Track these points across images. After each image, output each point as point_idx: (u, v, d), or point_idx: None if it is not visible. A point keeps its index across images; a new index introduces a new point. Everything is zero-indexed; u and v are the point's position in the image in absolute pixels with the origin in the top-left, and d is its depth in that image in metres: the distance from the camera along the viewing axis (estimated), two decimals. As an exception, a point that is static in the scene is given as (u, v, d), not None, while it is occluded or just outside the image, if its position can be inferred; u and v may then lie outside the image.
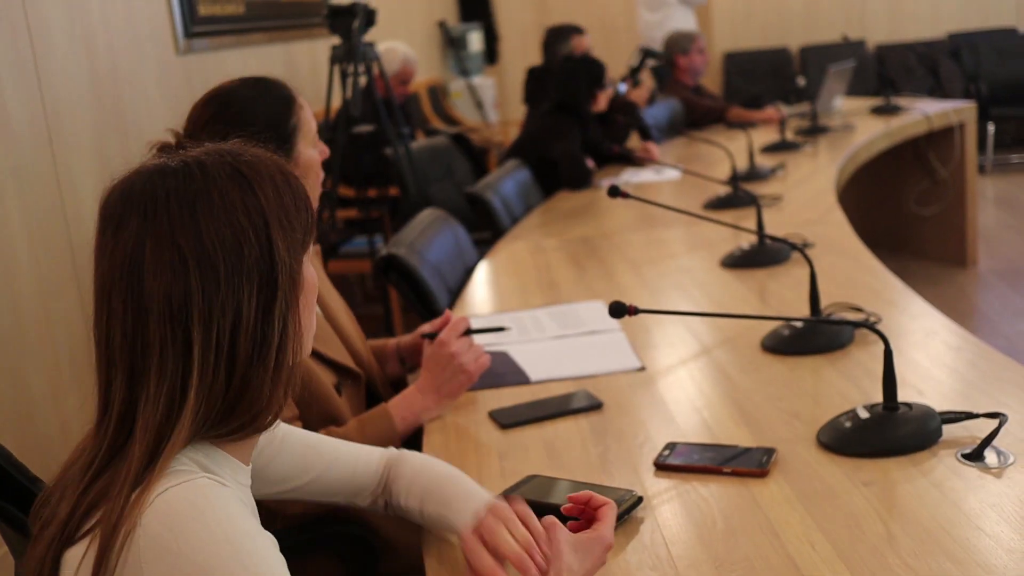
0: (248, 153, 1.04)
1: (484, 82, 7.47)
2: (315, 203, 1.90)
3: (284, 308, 1.00)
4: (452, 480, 1.32)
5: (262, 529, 0.97)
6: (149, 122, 3.42)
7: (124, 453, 0.96)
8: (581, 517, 1.22)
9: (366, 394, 1.88)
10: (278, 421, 1.12)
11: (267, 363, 0.99)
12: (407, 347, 2.03)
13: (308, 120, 1.77)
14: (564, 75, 4.20)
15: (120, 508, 0.92)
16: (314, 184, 1.78)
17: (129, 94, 3.35)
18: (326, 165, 1.87)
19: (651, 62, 5.33)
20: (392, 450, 1.41)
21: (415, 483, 1.33)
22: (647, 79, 5.25)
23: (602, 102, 4.21)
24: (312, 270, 1.08)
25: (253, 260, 0.98)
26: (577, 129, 4.03)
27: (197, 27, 3.85)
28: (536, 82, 5.31)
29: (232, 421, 0.99)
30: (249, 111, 1.71)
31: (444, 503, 1.28)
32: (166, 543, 0.89)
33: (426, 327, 1.93)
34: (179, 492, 0.92)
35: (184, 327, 0.96)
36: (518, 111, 5.69)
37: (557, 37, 5.31)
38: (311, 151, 1.77)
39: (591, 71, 4.17)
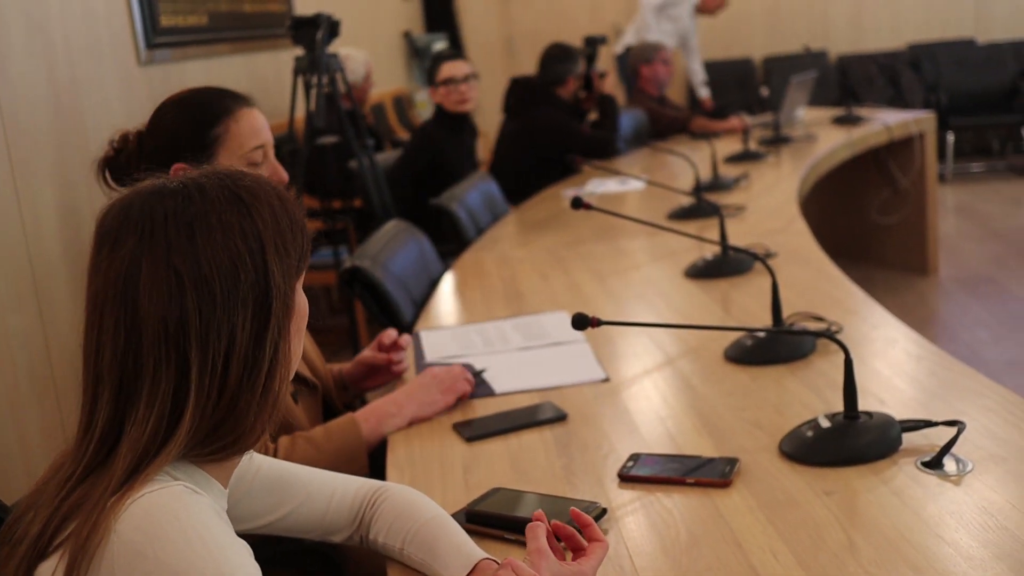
0: (248, 178, 1.05)
1: (449, 92, 7.47)
2: None
3: (276, 334, 1.01)
4: (438, 525, 1.25)
5: (237, 537, 0.97)
6: (110, 133, 3.38)
7: (104, 469, 0.96)
8: (567, 538, 1.17)
9: (322, 407, 1.87)
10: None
11: (255, 388, 0.99)
12: (351, 374, 2.02)
13: (240, 134, 1.74)
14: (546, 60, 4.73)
15: (95, 516, 0.91)
16: None
17: (90, 105, 3.31)
18: (291, 176, 1.86)
19: (601, 47, 5.26)
20: (370, 484, 1.35)
21: (397, 524, 1.27)
22: (610, 69, 5.23)
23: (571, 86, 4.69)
24: (303, 297, 1.08)
25: (249, 285, 0.99)
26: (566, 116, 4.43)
27: (159, 37, 3.82)
28: (522, 92, 5.10)
29: (215, 442, 0.99)
30: (167, 123, 1.75)
31: (429, 550, 1.23)
32: (140, 548, 0.89)
33: (367, 353, 1.99)
34: (154, 498, 0.92)
35: (180, 349, 0.96)
36: (482, 121, 5.67)
37: (566, 56, 4.81)
38: (240, 165, 1.74)
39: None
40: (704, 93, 6.84)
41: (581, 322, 1.45)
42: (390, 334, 1.99)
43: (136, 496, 0.92)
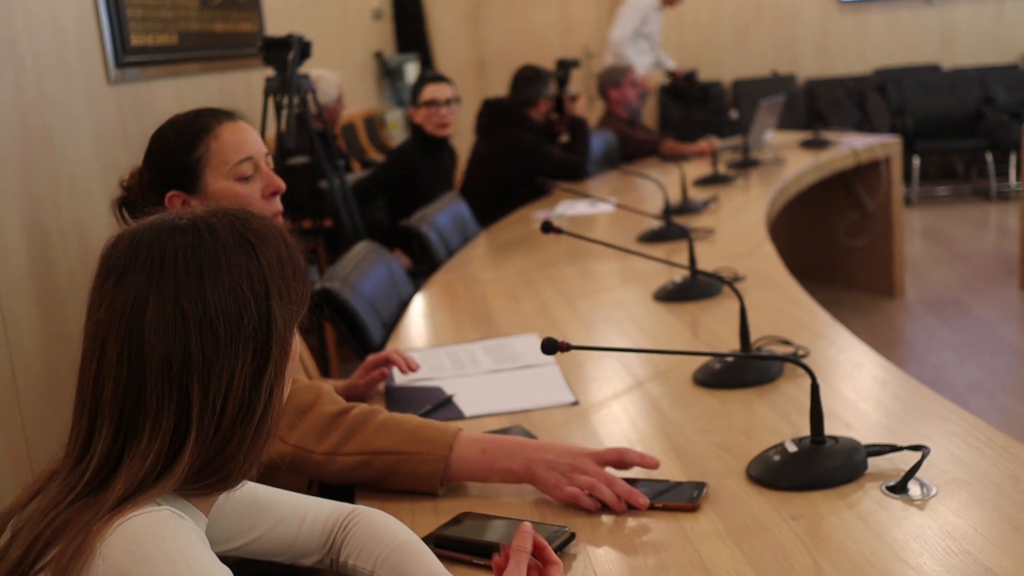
0: (256, 220, 1.06)
1: (421, 113, 7.49)
2: None
3: (272, 377, 1.02)
4: (409, 550, 1.24)
5: (220, 562, 0.98)
6: (78, 153, 3.36)
7: (95, 496, 0.96)
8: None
9: None
10: None
11: (248, 429, 1.01)
12: (344, 391, 2.01)
13: (221, 151, 1.71)
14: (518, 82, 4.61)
15: (80, 539, 0.91)
16: None
17: (57, 123, 3.29)
18: None
19: (573, 69, 5.30)
20: (341, 507, 1.34)
21: (368, 548, 1.26)
22: (582, 91, 5.23)
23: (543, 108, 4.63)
24: (298, 341, 1.09)
25: (251, 328, 1.00)
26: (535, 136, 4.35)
27: (129, 57, 3.80)
28: (494, 113, 5.10)
29: (205, 479, 1.00)
30: (154, 153, 1.74)
31: (399, 575, 1.22)
32: (126, 570, 0.89)
33: (357, 381, 1.98)
34: (141, 520, 0.92)
35: (182, 387, 0.97)
36: (453, 141, 5.69)
37: (537, 78, 4.83)
38: (225, 183, 1.71)
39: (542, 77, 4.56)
40: (671, 64, 6.93)
41: (551, 347, 1.45)
42: (375, 358, 2.01)
43: (122, 519, 0.92)
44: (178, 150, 1.71)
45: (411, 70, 7.58)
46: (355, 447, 1.54)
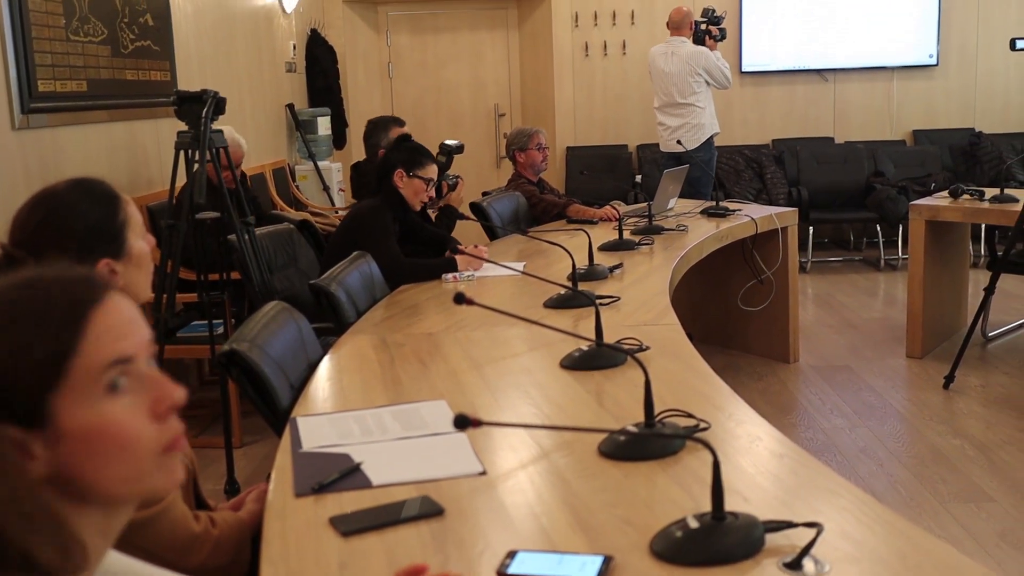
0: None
1: (331, 166, 7.49)
2: (146, 293, 1.93)
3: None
4: None
5: None
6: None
7: None
8: None
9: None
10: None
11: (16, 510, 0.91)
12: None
13: (135, 214, 1.85)
14: (382, 164, 4.21)
15: None
16: (147, 274, 1.88)
17: (-43, 170, 3.22)
18: (167, 249, 1.91)
19: (456, 155, 5.38)
20: None
21: None
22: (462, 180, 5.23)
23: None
24: (91, 412, 0.96)
25: None
26: (392, 223, 4.03)
27: (35, 103, 3.74)
28: (360, 176, 5.45)
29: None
30: (79, 212, 1.77)
31: None
32: None
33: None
34: None
35: None
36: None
37: (375, 128, 5.56)
38: (141, 243, 1.85)
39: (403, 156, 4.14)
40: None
41: (462, 422, 1.48)
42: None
43: None
44: (103, 215, 1.77)
45: (322, 124, 7.58)
46: None
